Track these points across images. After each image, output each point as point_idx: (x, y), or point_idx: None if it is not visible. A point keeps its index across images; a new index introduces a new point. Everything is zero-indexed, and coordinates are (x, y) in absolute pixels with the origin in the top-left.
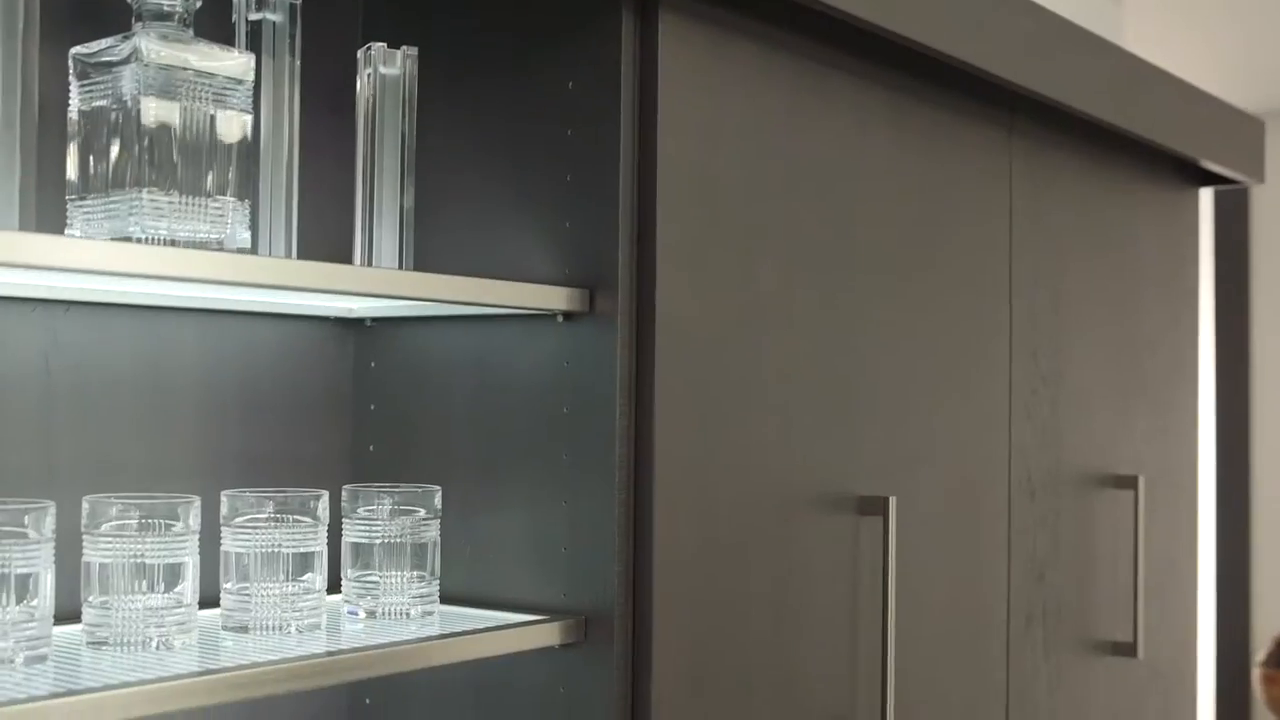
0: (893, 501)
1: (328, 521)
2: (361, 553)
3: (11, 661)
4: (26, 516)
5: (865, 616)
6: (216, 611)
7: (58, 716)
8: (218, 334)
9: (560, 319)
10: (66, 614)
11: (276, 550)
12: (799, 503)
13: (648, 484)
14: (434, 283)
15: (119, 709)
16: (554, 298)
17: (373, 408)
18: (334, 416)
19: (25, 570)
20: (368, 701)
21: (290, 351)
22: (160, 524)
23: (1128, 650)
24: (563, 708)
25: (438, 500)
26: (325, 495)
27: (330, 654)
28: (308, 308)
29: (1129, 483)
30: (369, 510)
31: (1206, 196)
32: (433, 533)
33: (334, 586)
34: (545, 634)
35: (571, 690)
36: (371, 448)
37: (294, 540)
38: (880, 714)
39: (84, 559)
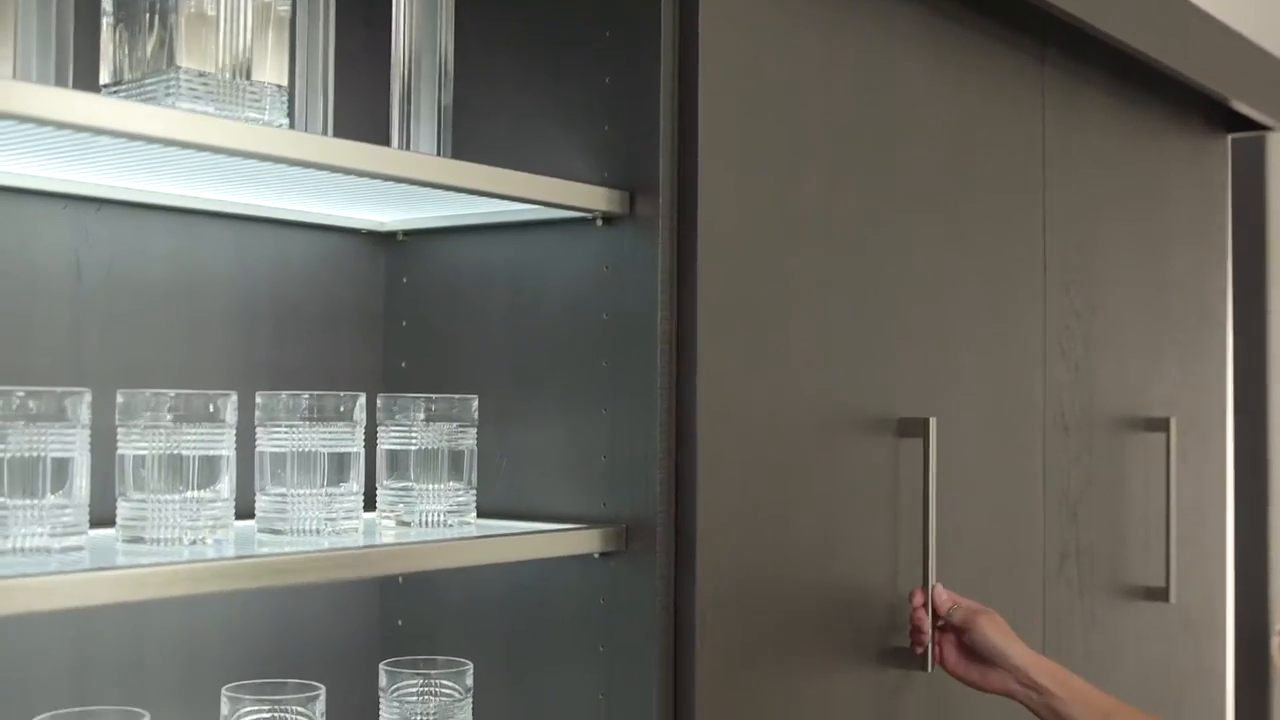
0: (933, 423)
1: (365, 425)
2: (397, 462)
3: (48, 550)
4: (62, 402)
5: (906, 537)
6: (252, 522)
7: (100, 588)
8: (250, 242)
9: (599, 223)
10: (99, 520)
11: (313, 452)
12: (840, 420)
13: (690, 391)
14: (472, 172)
15: (160, 585)
16: (594, 197)
17: (404, 324)
18: (365, 333)
19: (61, 455)
20: (400, 623)
21: (322, 265)
22: (197, 417)
23: (1160, 595)
24: (603, 620)
25: (474, 408)
26: (362, 397)
27: (367, 546)
28: (339, 219)
29: (1160, 425)
30: (404, 417)
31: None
32: (469, 441)
33: (369, 505)
34: (585, 540)
35: (612, 601)
36: (403, 364)
37: (330, 442)
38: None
39: (118, 453)
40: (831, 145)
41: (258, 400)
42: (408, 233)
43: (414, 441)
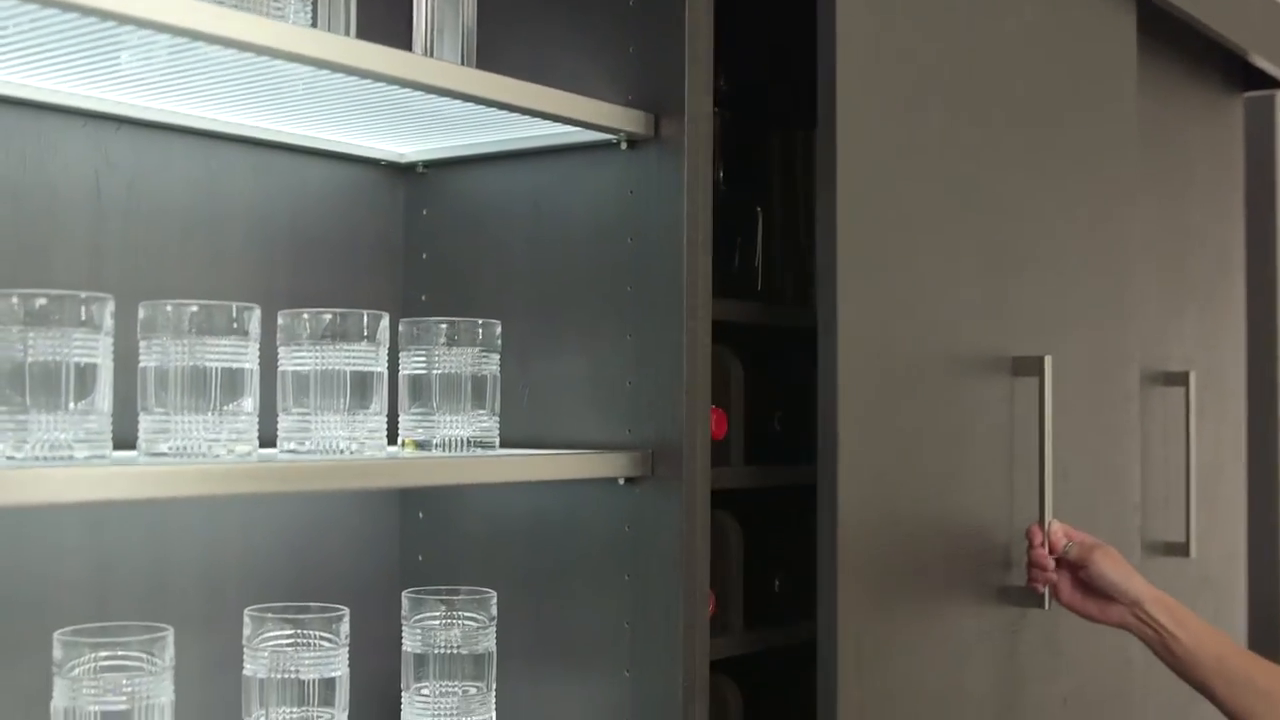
0: (1049, 361)
1: (388, 346)
2: (419, 388)
3: (70, 456)
4: (87, 307)
5: (1021, 475)
6: (274, 451)
7: (124, 483)
8: (270, 169)
9: (623, 145)
10: (119, 443)
11: (336, 370)
12: (959, 357)
13: (831, 333)
14: (496, 84)
15: (187, 483)
16: (619, 117)
17: (424, 256)
18: (385, 266)
19: (85, 360)
20: (420, 558)
21: (342, 196)
22: (220, 330)
23: (1180, 550)
24: (628, 549)
25: (498, 333)
26: (385, 316)
27: (391, 458)
28: (360, 148)
29: (1180, 379)
30: (426, 341)
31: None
32: (492, 367)
33: (391, 438)
34: (610, 464)
35: (638, 529)
36: (424, 297)
37: (353, 361)
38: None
39: (140, 365)
40: (952, 83)
41: (280, 320)
42: (428, 164)
43: (436, 366)
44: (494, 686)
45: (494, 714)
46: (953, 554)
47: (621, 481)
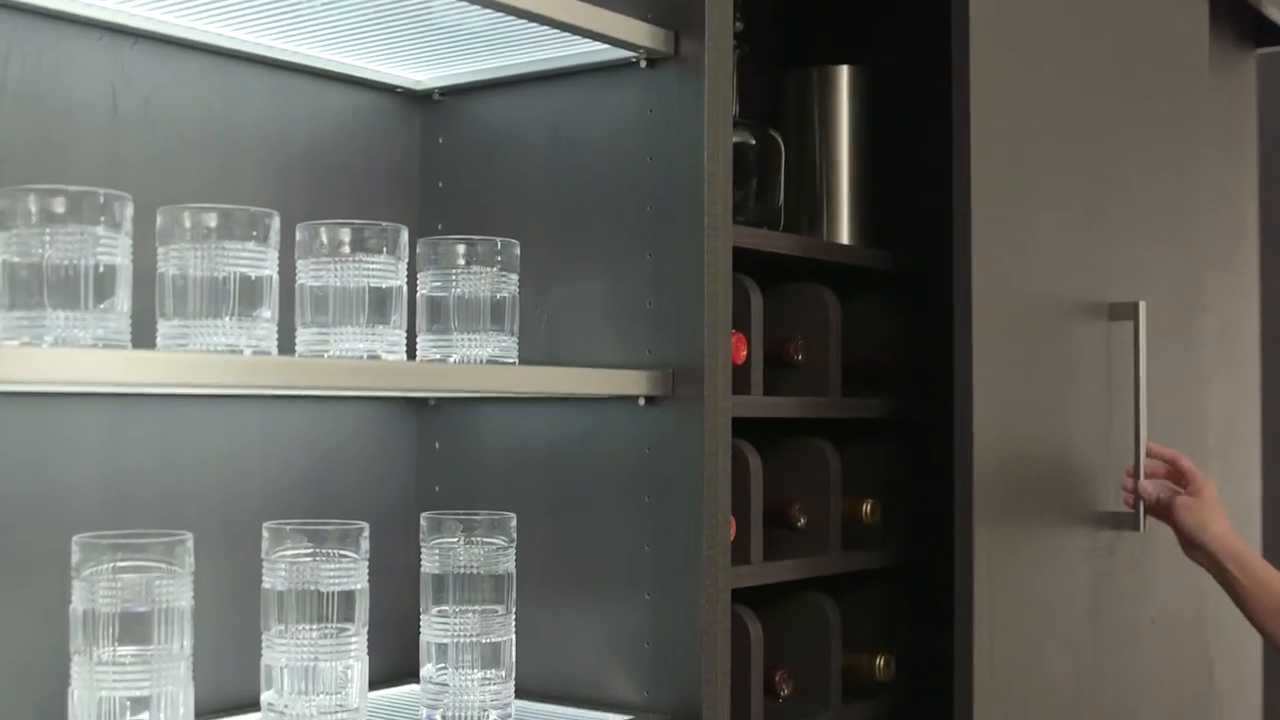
0: (1143, 307)
1: (408, 260)
2: (437, 309)
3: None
4: (104, 205)
5: (1119, 413)
6: None
7: (143, 369)
8: (287, 92)
9: (643, 64)
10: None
11: (355, 287)
12: (1064, 302)
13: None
14: None
15: (210, 373)
16: (639, 32)
17: (440, 185)
18: (401, 194)
19: (104, 260)
20: (437, 489)
21: (358, 122)
22: (239, 235)
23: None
24: (649, 470)
25: (516, 252)
26: (405, 230)
27: (410, 362)
28: (376, 73)
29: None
30: (444, 263)
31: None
32: (511, 287)
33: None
34: (630, 381)
35: (658, 449)
36: (440, 225)
37: (373, 274)
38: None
39: (159, 272)
40: (1063, 51)
41: (298, 235)
42: (444, 91)
43: (455, 286)
44: (514, 609)
45: (514, 635)
46: (1060, 479)
47: (642, 402)
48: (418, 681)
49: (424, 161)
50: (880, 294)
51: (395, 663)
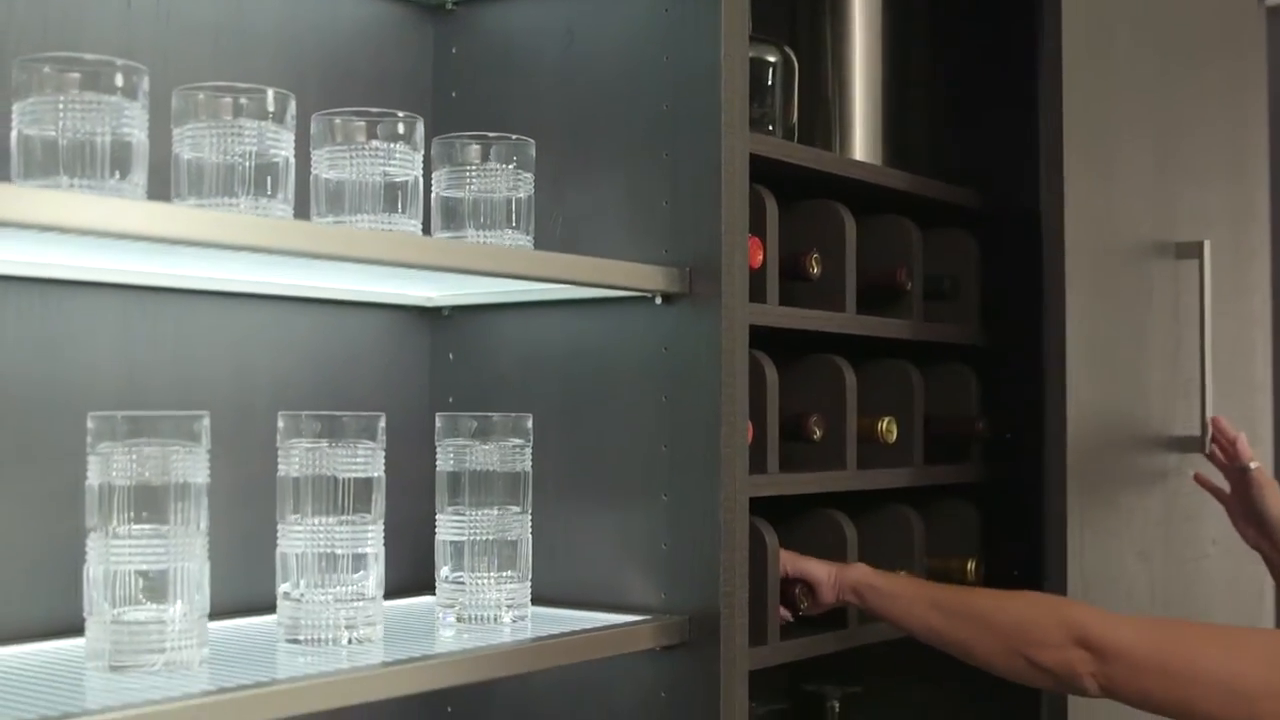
0: (1207, 245)
1: (423, 152)
2: (453, 209)
3: None
4: (128, 77)
5: (1185, 350)
6: None
7: (165, 223)
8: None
9: None
10: None
11: (371, 178)
12: (1134, 241)
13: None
14: None
15: (241, 232)
16: None
17: (454, 94)
18: (414, 104)
19: (124, 132)
20: (451, 400)
21: (371, 32)
22: (255, 113)
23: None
24: (665, 370)
25: (532, 152)
26: (420, 121)
27: (428, 237)
28: None
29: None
30: (459, 160)
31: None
32: (527, 186)
33: None
34: (649, 276)
35: (675, 348)
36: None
37: (390, 164)
38: (1200, 426)
39: (174, 154)
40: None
41: (313, 126)
42: (457, 0)
43: (470, 184)
44: (530, 509)
45: (530, 536)
46: (1136, 404)
47: (658, 301)
48: (433, 593)
49: (437, 71)
50: (898, 213)
51: (410, 574)
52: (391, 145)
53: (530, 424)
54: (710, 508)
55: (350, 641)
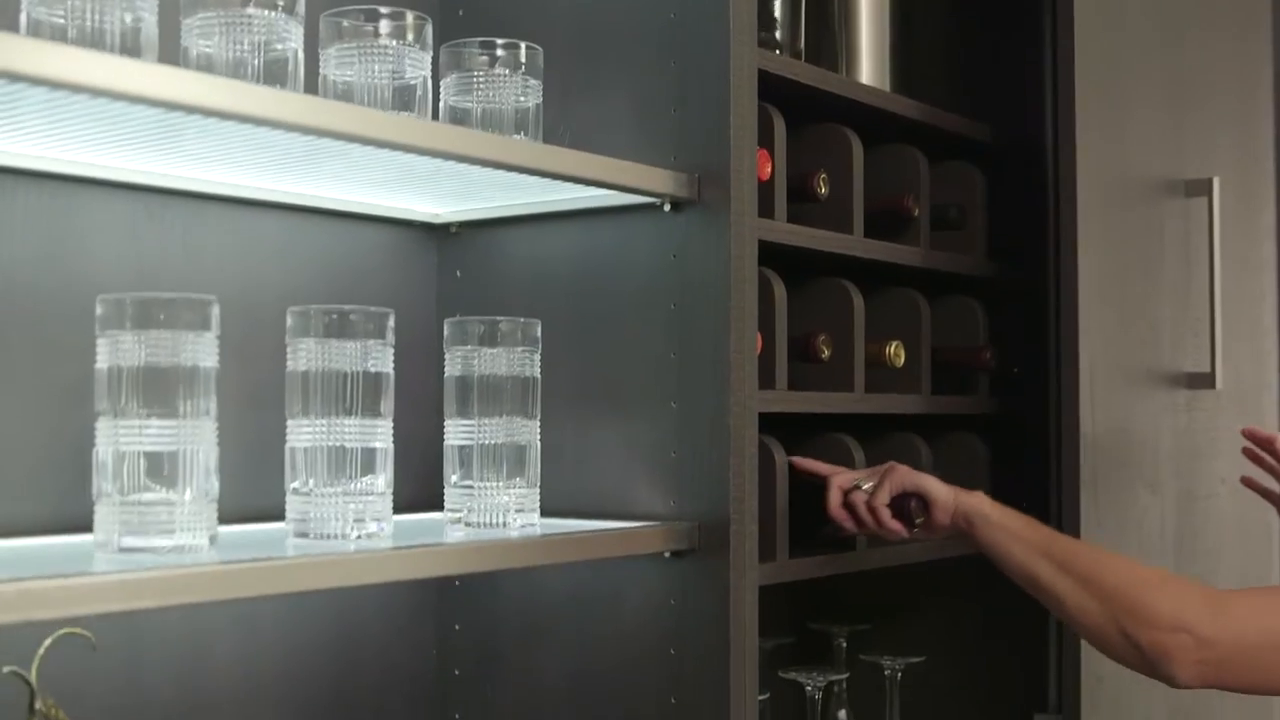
0: (1216, 182)
1: (432, 54)
2: (461, 118)
3: None
4: None
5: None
6: None
7: (178, 87)
8: None
9: None
10: None
11: (379, 82)
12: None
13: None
14: None
15: (252, 101)
16: None
17: (461, 13)
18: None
19: (134, 23)
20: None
21: None
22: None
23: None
24: (674, 277)
25: (540, 60)
26: (429, 22)
27: (436, 122)
28: None
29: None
30: (467, 65)
31: None
32: (535, 95)
33: None
34: (656, 179)
35: (683, 256)
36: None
37: (398, 67)
38: (1210, 363)
39: (182, 44)
40: None
41: (322, 26)
42: None
43: (478, 93)
44: (538, 416)
45: (538, 443)
46: (1145, 340)
47: (667, 208)
48: (441, 509)
49: None
50: (907, 142)
51: (417, 490)
52: (401, 44)
53: (539, 331)
54: (719, 414)
55: (359, 537)
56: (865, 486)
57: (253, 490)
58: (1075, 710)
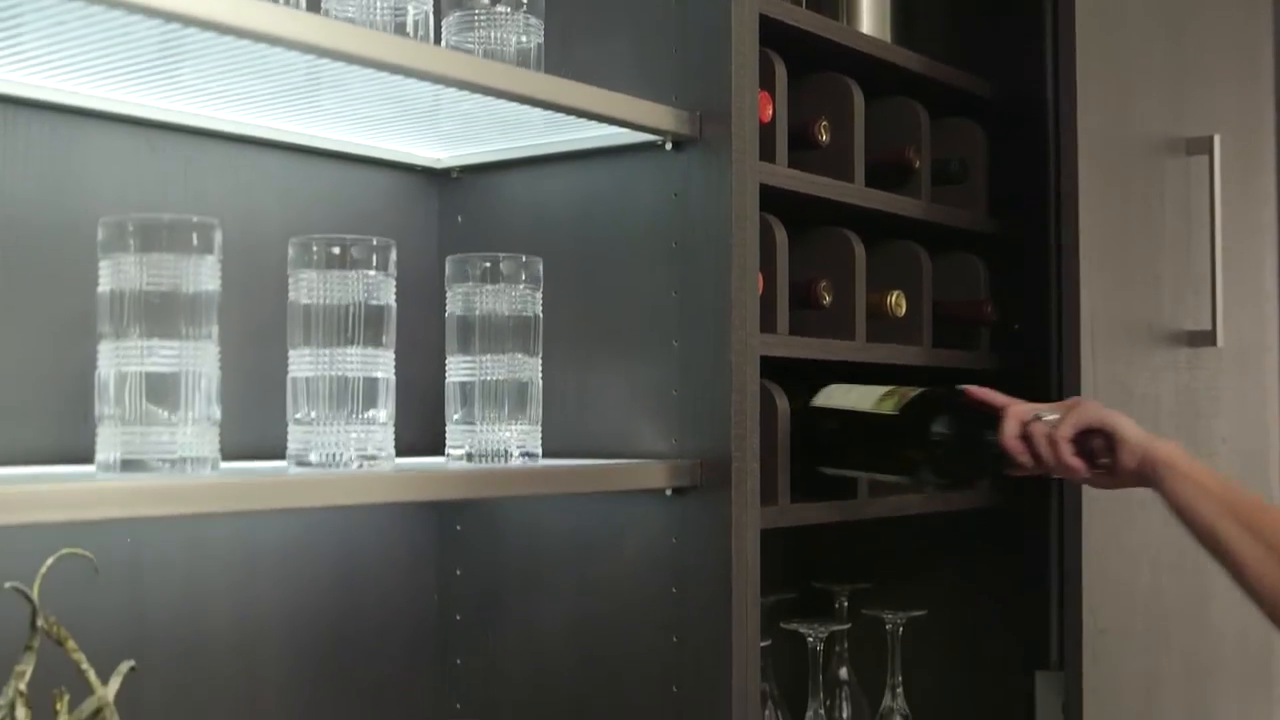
0: (1217, 139)
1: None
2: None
3: None
4: None
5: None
6: None
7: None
8: None
9: None
10: None
11: (379, 18)
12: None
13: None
14: None
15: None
16: None
17: None
18: None
19: None
20: None
21: None
22: None
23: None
24: (677, 218)
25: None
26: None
27: (438, 47)
28: None
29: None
30: (469, 4)
31: None
32: (537, 35)
33: None
34: (656, 115)
35: (686, 198)
36: None
37: (399, 2)
38: (1211, 321)
39: None
40: None
41: None
42: None
43: (479, 31)
44: (540, 354)
45: (539, 379)
46: (1146, 297)
47: (668, 146)
48: (443, 455)
49: None
50: (909, 95)
51: (419, 436)
52: None
53: (540, 269)
54: (721, 352)
55: (360, 465)
56: (1048, 418)
57: (254, 429)
58: (1077, 667)
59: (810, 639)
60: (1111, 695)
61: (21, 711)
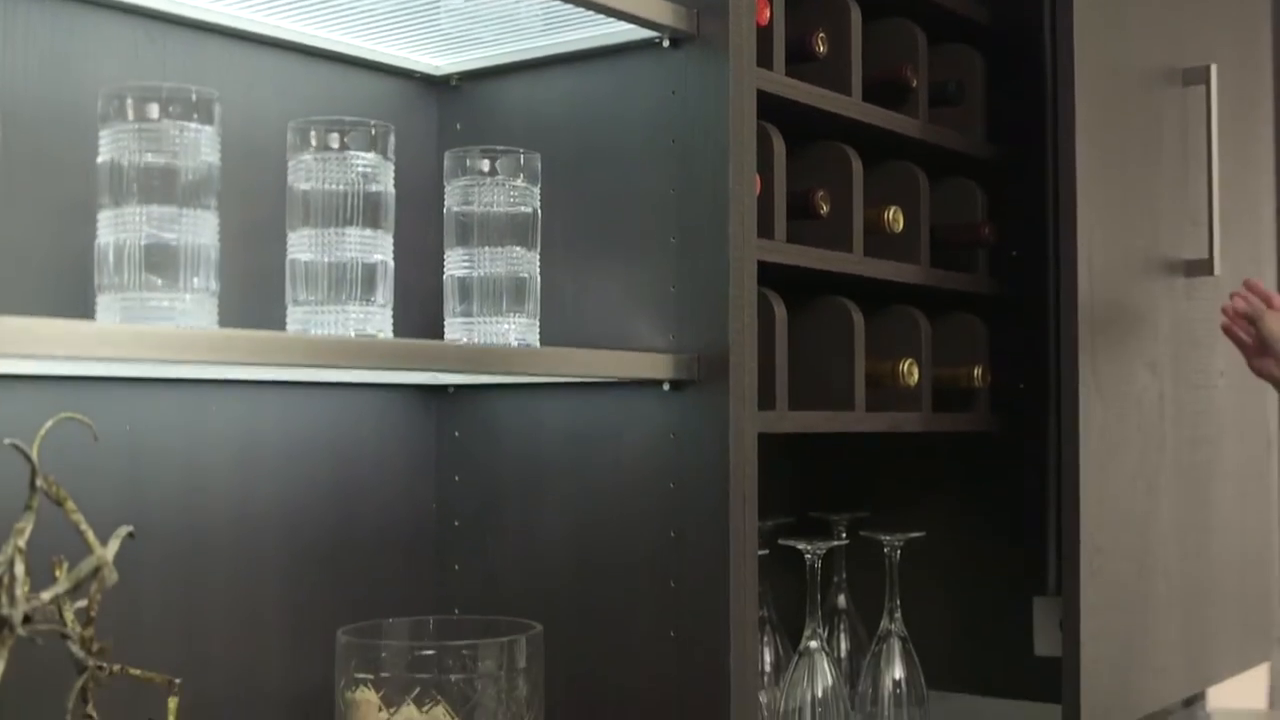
0: (1214, 69)
1: None
2: None
3: None
4: None
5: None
6: None
7: None
8: None
9: None
10: None
11: None
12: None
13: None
14: None
15: None
16: None
17: None
18: None
19: None
20: None
21: None
22: None
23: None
24: (676, 113)
25: None
26: None
27: None
28: None
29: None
30: None
31: None
32: None
33: None
34: (653, 7)
35: (685, 93)
36: None
37: None
38: (1208, 250)
39: None
40: None
41: None
42: None
43: None
44: (538, 249)
45: (537, 274)
46: (1143, 226)
47: (666, 43)
48: None
49: None
50: (906, 16)
51: None
52: None
53: (538, 164)
54: (719, 248)
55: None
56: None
57: (252, 324)
58: (1074, 594)
59: (809, 557)
60: (1109, 616)
61: (20, 567)
